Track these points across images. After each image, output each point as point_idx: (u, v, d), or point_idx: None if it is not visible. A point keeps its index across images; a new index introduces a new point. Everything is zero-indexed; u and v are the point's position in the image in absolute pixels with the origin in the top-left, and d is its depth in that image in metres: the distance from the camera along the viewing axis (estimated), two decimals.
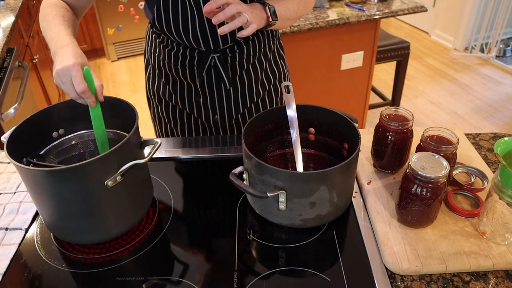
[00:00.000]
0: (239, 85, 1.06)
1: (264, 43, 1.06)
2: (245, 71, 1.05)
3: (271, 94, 1.13)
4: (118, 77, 3.64)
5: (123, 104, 0.80)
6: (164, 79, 1.09)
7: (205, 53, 0.99)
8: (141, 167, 0.77)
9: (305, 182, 0.71)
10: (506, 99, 3.12)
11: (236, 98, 1.08)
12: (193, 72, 1.03)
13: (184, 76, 1.04)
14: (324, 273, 0.70)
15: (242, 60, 1.03)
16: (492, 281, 0.68)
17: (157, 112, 1.17)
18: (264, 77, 1.09)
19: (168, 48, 1.03)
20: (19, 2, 2.30)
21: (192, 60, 1.01)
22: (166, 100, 1.12)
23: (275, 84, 1.13)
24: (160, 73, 1.09)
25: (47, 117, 0.81)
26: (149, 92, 1.16)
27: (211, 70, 1.02)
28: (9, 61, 1.77)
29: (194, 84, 1.05)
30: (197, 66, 1.02)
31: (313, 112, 0.88)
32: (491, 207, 0.70)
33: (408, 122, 0.81)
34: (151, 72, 1.12)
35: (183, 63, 1.02)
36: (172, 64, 1.04)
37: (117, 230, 0.77)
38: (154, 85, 1.13)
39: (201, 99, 1.07)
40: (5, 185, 0.91)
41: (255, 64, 1.06)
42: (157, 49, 1.06)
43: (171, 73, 1.06)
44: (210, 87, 1.05)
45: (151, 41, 1.08)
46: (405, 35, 4.18)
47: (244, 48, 1.01)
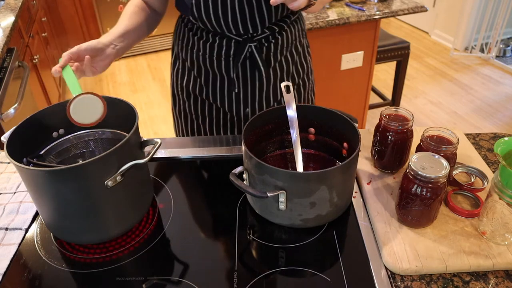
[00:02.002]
0: (272, 77, 1.07)
1: (295, 37, 1.07)
2: (278, 63, 1.06)
3: (300, 88, 1.15)
4: (118, 77, 3.64)
5: (123, 104, 0.80)
6: (195, 73, 1.09)
7: (242, 42, 1.00)
8: (141, 167, 0.77)
9: (305, 182, 0.71)
10: (506, 99, 3.12)
11: (268, 91, 1.08)
12: (229, 63, 1.03)
13: (219, 67, 1.04)
14: (324, 273, 0.70)
15: (276, 51, 1.04)
16: (492, 281, 0.68)
17: (184, 108, 1.17)
18: (294, 70, 1.11)
19: (203, 39, 1.03)
20: (19, 2, 2.30)
21: (228, 50, 1.01)
22: (196, 95, 1.12)
23: (304, 78, 1.15)
24: (192, 66, 1.09)
25: (47, 117, 0.81)
26: (177, 88, 1.16)
27: (246, 61, 1.03)
28: (9, 61, 1.77)
29: (228, 76, 1.05)
30: (233, 57, 1.02)
31: (313, 112, 0.88)
32: (491, 207, 0.70)
33: (408, 122, 0.81)
34: (180, 67, 1.13)
35: (219, 54, 1.02)
36: (207, 56, 1.04)
37: (117, 230, 0.77)
38: (183, 80, 1.13)
39: (236, 89, 1.06)
40: (5, 185, 0.91)
41: (287, 57, 1.07)
42: (190, 42, 1.06)
43: (205, 65, 1.06)
44: (244, 79, 1.05)
45: (182, 34, 1.08)
46: (405, 35, 4.18)
47: (279, 39, 1.03)
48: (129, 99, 3.24)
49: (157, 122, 3.02)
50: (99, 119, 0.79)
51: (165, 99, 3.28)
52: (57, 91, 2.96)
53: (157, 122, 3.01)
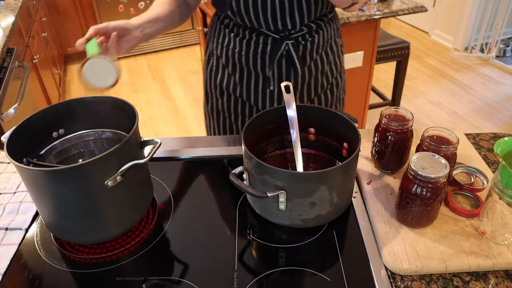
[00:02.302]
0: (307, 75, 1.07)
1: (331, 35, 1.08)
2: (313, 61, 1.06)
3: (333, 87, 1.15)
4: None
5: (123, 104, 0.80)
6: (230, 70, 1.09)
7: (279, 40, 1.00)
8: (141, 167, 0.77)
9: (305, 182, 0.71)
10: (506, 99, 3.12)
11: (302, 89, 1.09)
12: (264, 61, 1.03)
13: (254, 65, 1.05)
14: (324, 273, 0.70)
15: (312, 50, 1.04)
16: (492, 281, 0.68)
17: (216, 106, 1.17)
18: (328, 69, 1.11)
19: (239, 37, 1.03)
20: (19, 2, 2.30)
21: (265, 47, 1.01)
22: (229, 93, 1.12)
23: (336, 77, 1.15)
24: (226, 64, 1.09)
25: (47, 117, 0.81)
26: (210, 85, 1.17)
27: (282, 59, 1.03)
28: (9, 61, 1.77)
29: (264, 74, 1.05)
30: (269, 54, 1.02)
31: (313, 112, 0.88)
32: (491, 207, 0.70)
33: (408, 122, 0.81)
34: (215, 64, 1.13)
35: (255, 51, 1.02)
36: (243, 53, 1.04)
37: (117, 230, 0.77)
38: (217, 78, 1.13)
39: (271, 86, 1.07)
40: (5, 185, 0.91)
41: (322, 55, 1.07)
42: (226, 39, 1.06)
43: (240, 63, 1.06)
44: (279, 77, 1.05)
45: (218, 31, 1.08)
46: (405, 35, 4.18)
47: (315, 37, 1.03)
48: (129, 99, 3.24)
49: (157, 122, 3.02)
50: (112, 84, 0.77)
51: (165, 99, 3.28)
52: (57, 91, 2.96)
53: (157, 122, 3.01)
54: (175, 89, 3.42)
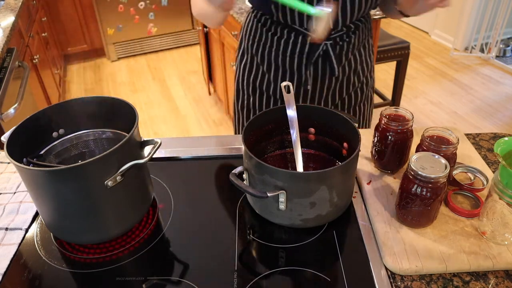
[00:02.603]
0: (340, 75, 1.07)
1: (365, 35, 1.08)
2: (347, 61, 1.06)
3: (363, 86, 1.15)
4: (118, 77, 3.64)
5: (123, 104, 0.80)
6: (265, 68, 1.09)
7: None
8: (141, 167, 0.77)
9: (305, 182, 0.71)
10: (506, 99, 3.12)
11: (335, 88, 1.09)
12: (301, 61, 1.03)
13: (290, 64, 1.04)
14: (324, 273, 0.70)
15: (348, 50, 1.04)
16: (492, 281, 0.68)
17: (247, 103, 1.18)
18: (360, 68, 1.11)
19: (277, 35, 1.03)
20: (19, 2, 2.30)
21: (303, 47, 1.01)
22: (262, 90, 1.13)
23: (367, 76, 1.15)
24: (261, 62, 1.09)
25: (47, 117, 0.81)
26: (242, 82, 1.17)
27: (319, 58, 1.03)
28: (9, 61, 1.77)
29: (299, 73, 1.05)
30: (307, 54, 1.02)
31: (313, 112, 0.88)
32: (491, 207, 0.70)
33: (408, 122, 0.81)
34: (248, 62, 1.13)
35: (292, 51, 1.02)
36: (280, 52, 1.04)
37: (117, 230, 0.77)
38: (251, 75, 1.13)
39: (309, 86, 1.07)
40: (5, 185, 0.91)
41: (356, 55, 1.08)
42: (263, 37, 1.06)
43: (276, 61, 1.06)
44: (315, 76, 1.05)
45: (254, 29, 1.08)
46: (405, 35, 4.18)
47: (352, 37, 1.03)
48: (129, 99, 3.24)
49: (157, 122, 3.02)
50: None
51: (165, 99, 3.28)
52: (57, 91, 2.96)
53: (157, 122, 3.01)
54: (175, 89, 3.42)
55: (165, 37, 3.97)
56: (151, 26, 3.83)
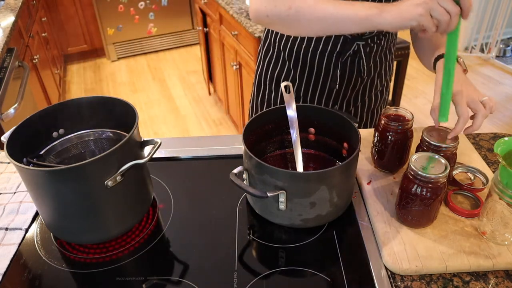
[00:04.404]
0: (366, 76, 1.07)
1: (392, 39, 1.08)
2: (374, 63, 1.06)
3: (383, 89, 1.16)
4: (118, 77, 3.64)
5: (123, 104, 0.80)
6: (291, 65, 1.08)
7: (350, 40, 0.98)
8: (141, 167, 0.77)
9: (305, 182, 0.71)
10: (506, 99, 3.12)
11: (358, 89, 1.09)
12: (331, 59, 1.02)
13: (319, 62, 1.03)
14: (324, 273, 0.70)
15: (377, 52, 1.04)
16: (492, 281, 0.68)
17: (268, 98, 1.17)
18: (382, 71, 1.11)
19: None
20: (19, 2, 2.30)
21: (335, 46, 1.00)
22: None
23: (388, 80, 1.16)
24: (289, 58, 1.07)
25: (47, 117, 0.81)
26: (265, 77, 1.16)
27: (348, 58, 1.02)
28: (9, 61, 1.77)
29: (327, 72, 1.04)
30: (338, 54, 1.01)
31: (313, 112, 0.88)
32: (491, 207, 0.70)
33: (408, 122, 0.81)
34: (274, 56, 1.11)
35: (323, 49, 1.01)
36: (310, 49, 1.02)
37: (117, 230, 0.77)
38: (275, 70, 1.12)
39: (337, 86, 1.06)
40: (5, 185, 0.91)
41: (382, 57, 1.08)
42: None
43: (304, 59, 1.05)
44: (342, 76, 1.05)
45: None
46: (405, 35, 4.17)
47: (382, 40, 1.03)
48: (129, 99, 3.24)
49: (157, 122, 3.02)
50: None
51: (165, 99, 3.28)
52: (57, 91, 2.96)
53: (157, 122, 3.01)
54: (175, 89, 3.42)
55: (165, 37, 3.97)
56: (151, 26, 3.83)
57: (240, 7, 2.13)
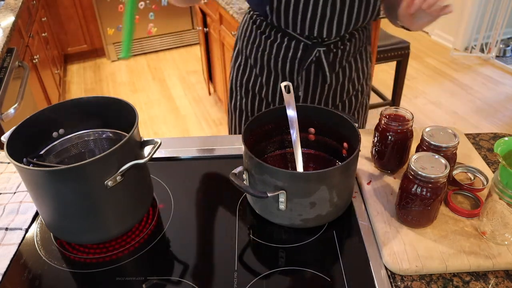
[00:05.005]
0: (334, 82, 1.06)
1: (362, 43, 1.07)
2: (341, 68, 1.05)
3: (358, 93, 1.14)
4: (118, 77, 3.64)
5: (123, 104, 0.80)
6: (257, 71, 1.08)
7: (311, 46, 0.98)
8: (141, 167, 0.77)
9: (305, 182, 0.71)
10: (506, 99, 3.12)
11: (328, 95, 1.08)
12: (293, 66, 1.02)
13: (283, 69, 1.04)
14: (324, 273, 0.70)
15: (342, 57, 1.03)
16: (492, 281, 0.68)
17: (240, 104, 1.17)
18: (355, 76, 1.10)
19: (270, 39, 1.02)
20: (19, 2, 2.30)
21: (296, 53, 1.00)
22: (254, 93, 1.12)
23: (362, 84, 1.14)
24: (255, 64, 1.08)
25: (47, 117, 0.81)
26: (235, 83, 1.16)
27: (311, 65, 1.02)
28: (9, 61, 1.77)
29: (291, 79, 1.04)
30: (299, 60, 1.01)
31: (313, 112, 0.88)
32: (491, 207, 0.70)
33: (408, 122, 0.81)
34: (242, 63, 1.12)
35: (285, 55, 1.01)
36: (272, 56, 1.03)
37: (117, 230, 0.77)
38: (244, 77, 1.12)
39: (300, 92, 1.06)
40: (5, 185, 0.91)
41: (351, 62, 1.06)
42: (257, 40, 1.05)
43: (268, 65, 1.05)
44: (307, 83, 1.05)
45: (249, 31, 1.07)
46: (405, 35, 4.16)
47: (347, 45, 1.02)
48: (129, 99, 3.24)
49: (157, 122, 3.02)
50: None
51: (165, 99, 3.28)
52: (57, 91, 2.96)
53: (157, 122, 3.01)
54: (175, 89, 3.42)
55: (165, 37, 3.97)
56: (151, 26, 3.83)
57: (240, 7, 2.13)
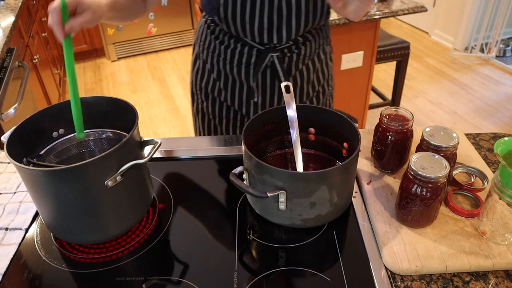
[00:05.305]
0: (291, 85, 1.05)
1: (319, 45, 1.06)
2: (299, 71, 1.05)
3: (319, 94, 1.14)
4: (118, 77, 3.64)
5: (123, 104, 0.80)
6: (215, 75, 1.08)
7: (264, 51, 0.98)
8: (141, 167, 0.77)
9: (305, 182, 0.71)
10: (506, 99, 3.12)
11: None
12: (249, 71, 1.02)
13: (238, 74, 1.03)
14: (324, 273, 0.70)
15: (298, 60, 1.02)
16: (492, 281, 0.68)
17: (201, 108, 1.17)
18: (315, 78, 1.09)
19: (224, 45, 1.01)
20: (19, 2, 2.30)
21: (249, 58, 1.00)
22: (214, 96, 1.11)
23: (323, 85, 1.14)
24: (211, 69, 1.08)
25: (47, 117, 0.81)
26: (196, 87, 1.16)
27: (266, 70, 1.01)
28: (9, 61, 1.77)
29: (248, 84, 1.04)
30: (254, 65, 1.01)
31: (313, 112, 0.88)
32: (491, 207, 0.70)
33: (408, 122, 0.81)
34: (201, 67, 1.11)
35: (239, 61, 1.01)
36: (227, 61, 1.03)
37: (117, 230, 0.77)
38: (203, 81, 1.12)
39: (255, 98, 1.05)
40: (5, 185, 0.91)
41: (309, 65, 1.06)
42: (212, 45, 1.04)
43: (225, 70, 1.05)
44: (263, 87, 1.04)
45: (205, 36, 1.06)
46: (405, 35, 4.18)
47: (302, 48, 1.01)
48: (129, 99, 3.24)
49: (157, 122, 3.02)
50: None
51: (165, 99, 3.28)
52: (57, 91, 2.96)
53: (157, 122, 3.01)
54: (175, 89, 3.42)
55: (165, 37, 3.97)
56: (151, 26, 3.83)
57: None
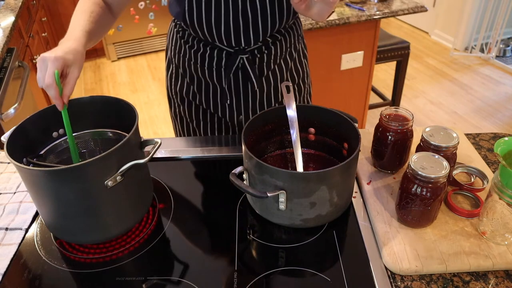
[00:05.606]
0: (265, 85, 1.05)
1: (291, 43, 1.05)
2: (271, 71, 1.04)
3: (295, 93, 1.13)
4: (118, 77, 3.64)
5: (123, 104, 0.80)
6: (188, 79, 1.08)
7: (233, 54, 0.98)
8: (141, 167, 0.77)
9: (305, 182, 0.71)
10: (506, 99, 3.12)
11: (261, 99, 1.07)
12: (220, 74, 1.02)
13: (210, 77, 1.03)
14: (324, 273, 0.70)
15: (269, 60, 1.02)
16: (492, 281, 0.68)
17: (179, 111, 1.16)
18: (289, 76, 1.09)
19: (194, 49, 1.01)
20: (19, 2, 2.30)
21: (220, 61, 1.00)
22: (190, 100, 1.11)
23: (299, 83, 1.13)
24: (184, 73, 1.07)
25: (47, 117, 0.81)
26: (171, 91, 1.15)
27: (238, 71, 1.01)
28: (9, 61, 1.77)
29: (220, 85, 1.04)
30: (224, 68, 1.00)
31: (313, 112, 0.88)
32: (491, 207, 0.70)
33: (408, 122, 0.81)
34: (174, 72, 1.11)
35: (210, 64, 1.01)
36: (198, 65, 1.03)
37: (117, 230, 0.77)
38: (177, 85, 1.12)
39: (227, 100, 1.05)
40: (5, 185, 0.91)
41: (281, 64, 1.05)
42: (182, 49, 1.04)
43: (197, 74, 1.04)
44: (236, 89, 1.04)
45: (175, 41, 1.06)
46: (405, 35, 4.18)
47: (272, 48, 1.01)
48: (129, 99, 3.24)
49: (157, 122, 3.02)
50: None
51: (165, 99, 3.28)
52: None
53: (157, 122, 3.01)
54: None
55: (165, 37, 3.97)
56: (151, 26, 3.83)
57: None
